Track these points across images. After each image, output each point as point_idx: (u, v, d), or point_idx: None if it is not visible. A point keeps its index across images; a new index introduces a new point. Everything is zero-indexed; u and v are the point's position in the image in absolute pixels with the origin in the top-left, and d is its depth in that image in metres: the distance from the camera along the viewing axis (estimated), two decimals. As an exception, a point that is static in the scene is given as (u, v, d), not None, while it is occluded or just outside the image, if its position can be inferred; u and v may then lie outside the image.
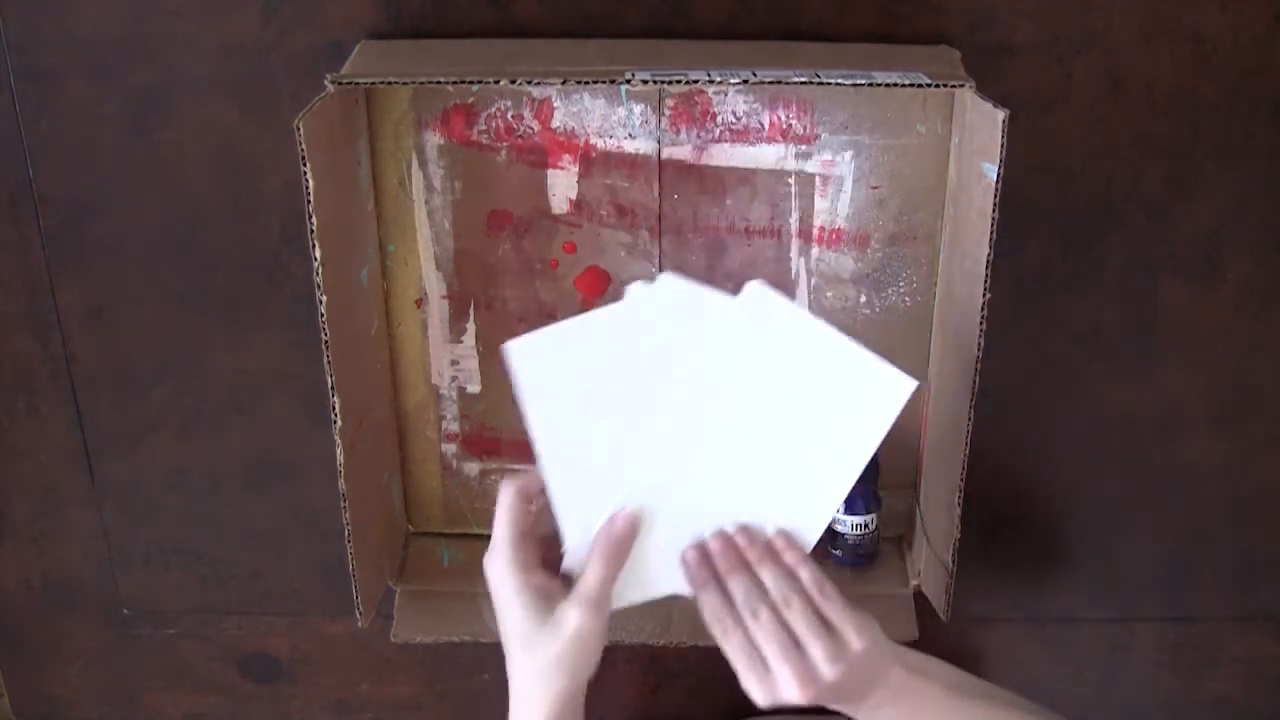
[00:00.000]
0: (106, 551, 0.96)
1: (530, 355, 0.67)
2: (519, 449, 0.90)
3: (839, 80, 0.69)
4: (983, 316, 0.73)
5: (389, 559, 0.88)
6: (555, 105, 0.80)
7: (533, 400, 0.67)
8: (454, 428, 0.90)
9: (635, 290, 0.67)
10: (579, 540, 0.68)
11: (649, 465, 0.69)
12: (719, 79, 0.70)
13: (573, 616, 0.65)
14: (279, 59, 0.79)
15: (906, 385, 0.67)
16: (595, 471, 0.68)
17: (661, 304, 0.67)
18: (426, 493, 0.93)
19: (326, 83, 0.68)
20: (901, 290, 0.85)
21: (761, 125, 0.80)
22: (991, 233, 0.70)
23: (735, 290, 0.85)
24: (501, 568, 0.66)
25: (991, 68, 0.79)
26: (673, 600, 0.70)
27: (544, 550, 0.68)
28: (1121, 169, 0.83)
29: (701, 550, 0.68)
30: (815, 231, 0.83)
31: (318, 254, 0.69)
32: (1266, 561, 0.97)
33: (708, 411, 0.68)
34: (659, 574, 0.69)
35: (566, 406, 0.68)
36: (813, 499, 0.69)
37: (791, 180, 0.82)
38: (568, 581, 0.68)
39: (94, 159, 0.82)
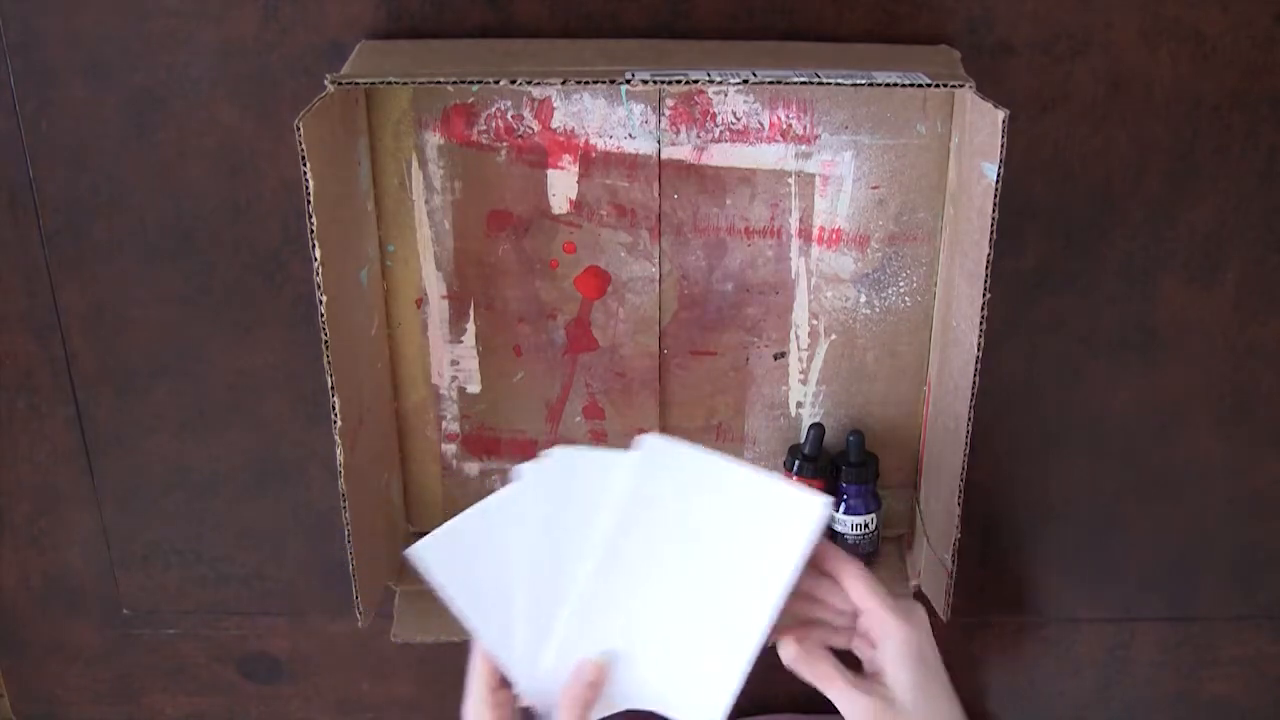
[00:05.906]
0: (106, 551, 0.96)
1: (436, 552, 0.69)
2: (519, 449, 0.90)
3: (839, 80, 0.69)
4: (983, 316, 0.73)
5: (389, 559, 0.88)
6: (555, 105, 0.80)
7: (453, 591, 0.69)
8: (454, 428, 0.90)
9: (526, 469, 0.69)
10: (529, 681, 0.70)
11: (580, 622, 0.70)
12: (719, 79, 0.70)
13: None
14: (279, 59, 0.79)
15: (817, 506, 0.67)
16: (531, 638, 0.70)
17: (555, 477, 0.69)
18: (426, 493, 0.93)
19: (326, 83, 0.68)
20: (901, 290, 0.85)
21: (761, 125, 0.80)
22: (991, 233, 0.70)
23: (734, 289, 0.85)
24: (475, 714, 0.70)
25: (991, 68, 0.79)
26: None
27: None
28: (1121, 169, 0.83)
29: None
30: (815, 231, 0.83)
31: (318, 254, 0.69)
32: (1266, 561, 0.97)
33: (627, 564, 0.69)
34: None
35: (486, 588, 0.69)
36: (737, 630, 0.69)
37: (791, 180, 0.82)
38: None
39: (94, 159, 0.82)
